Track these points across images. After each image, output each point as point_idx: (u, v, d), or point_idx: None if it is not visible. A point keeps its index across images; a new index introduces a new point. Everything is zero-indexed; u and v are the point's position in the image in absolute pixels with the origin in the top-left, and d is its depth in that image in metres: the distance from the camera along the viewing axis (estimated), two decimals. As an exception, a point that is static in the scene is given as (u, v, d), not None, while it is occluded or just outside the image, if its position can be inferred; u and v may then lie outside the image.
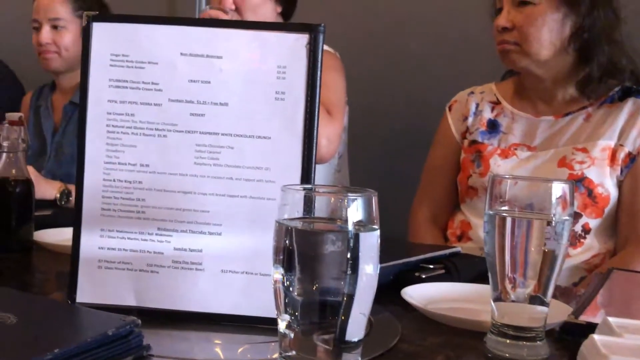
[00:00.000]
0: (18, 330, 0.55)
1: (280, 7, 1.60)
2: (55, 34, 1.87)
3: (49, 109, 1.96)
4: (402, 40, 2.01)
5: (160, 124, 0.74)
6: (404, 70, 2.01)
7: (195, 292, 0.72)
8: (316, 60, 0.72)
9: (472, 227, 1.42)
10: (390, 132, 2.02)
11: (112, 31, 0.75)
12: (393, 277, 0.88)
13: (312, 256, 0.54)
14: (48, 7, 1.87)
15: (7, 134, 1.03)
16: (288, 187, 0.56)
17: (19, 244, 1.03)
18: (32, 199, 1.06)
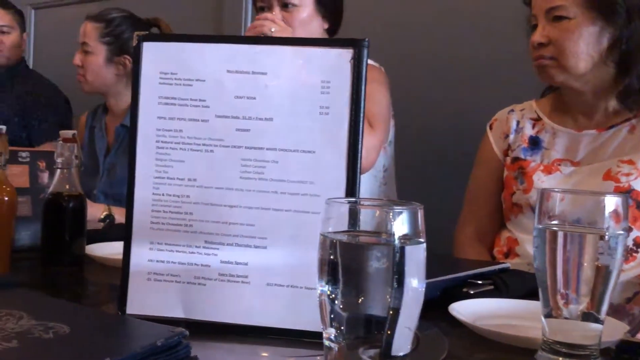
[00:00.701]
0: (71, 340, 0.57)
1: (327, 23, 1.62)
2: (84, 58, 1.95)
3: (102, 130, 2.02)
4: (445, 57, 2.00)
5: (207, 140, 0.75)
6: (447, 86, 2.00)
7: (241, 305, 0.72)
8: (360, 75, 0.73)
9: (519, 243, 1.40)
10: (437, 147, 2.01)
11: (161, 50, 0.77)
12: (440, 293, 0.87)
13: (357, 270, 0.54)
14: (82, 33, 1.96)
15: (61, 151, 1.06)
16: (333, 200, 0.56)
17: (71, 258, 1.06)
18: (85, 213, 1.09)
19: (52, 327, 0.58)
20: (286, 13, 1.55)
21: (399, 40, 2.06)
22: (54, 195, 1.06)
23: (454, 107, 1.98)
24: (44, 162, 1.21)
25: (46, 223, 1.07)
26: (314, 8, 1.58)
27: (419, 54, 2.05)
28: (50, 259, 1.06)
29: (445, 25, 2.00)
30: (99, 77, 1.95)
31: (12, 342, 0.54)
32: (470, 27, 1.96)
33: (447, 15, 2.01)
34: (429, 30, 2.04)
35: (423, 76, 2.04)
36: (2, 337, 0.55)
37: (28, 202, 1.17)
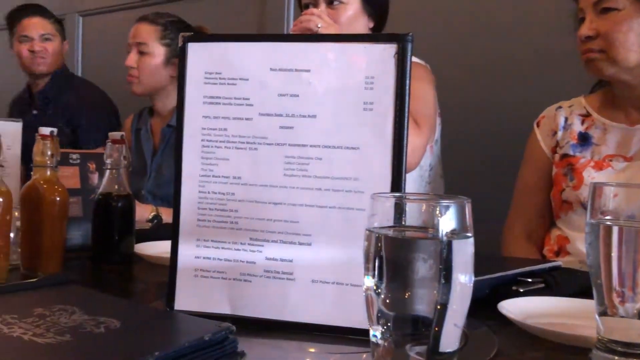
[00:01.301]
0: (121, 334, 0.58)
1: (373, 22, 1.61)
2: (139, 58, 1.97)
3: (148, 132, 2.06)
4: (491, 54, 1.97)
5: (251, 138, 0.76)
6: (493, 84, 1.97)
7: (287, 301, 0.73)
8: (405, 70, 0.72)
9: (570, 241, 1.36)
10: (483, 145, 1.98)
11: (205, 50, 0.78)
12: (489, 291, 0.85)
13: (404, 265, 0.53)
14: (138, 33, 1.98)
15: (110, 152, 1.09)
16: (378, 195, 0.56)
17: (120, 256, 1.08)
18: (133, 213, 1.11)
19: (103, 322, 0.60)
20: (332, 10, 1.54)
21: (444, 37, 2.04)
22: (103, 196, 1.09)
23: (500, 104, 1.95)
24: (94, 164, 1.24)
25: (96, 223, 1.10)
26: (360, 6, 1.56)
27: (464, 51, 2.02)
28: (101, 257, 1.08)
29: (491, 21, 1.97)
30: (154, 78, 1.97)
31: (65, 336, 0.56)
32: (516, 22, 1.93)
33: (492, 11, 1.98)
34: (475, 26, 2.01)
35: (469, 74, 2.01)
36: (55, 331, 0.57)
37: (79, 202, 1.20)
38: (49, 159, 0.98)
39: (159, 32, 1.96)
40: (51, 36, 2.53)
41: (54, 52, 2.53)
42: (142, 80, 1.97)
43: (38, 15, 2.52)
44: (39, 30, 2.50)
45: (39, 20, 2.51)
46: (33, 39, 2.49)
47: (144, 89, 1.99)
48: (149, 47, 1.95)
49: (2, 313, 0.61)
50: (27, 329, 0.57)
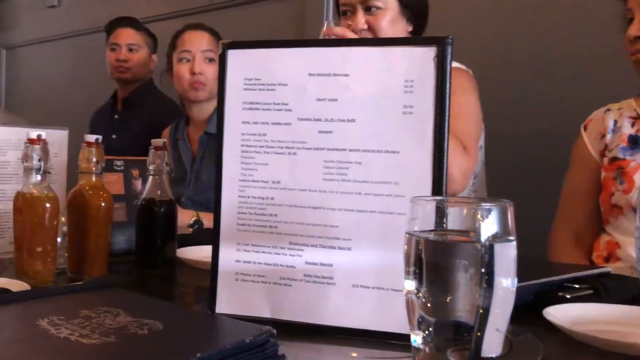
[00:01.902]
0: (164, 336, 0.59)
1: (412, 25, 1.59)
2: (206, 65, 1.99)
3: (185, 141, 2.09)
4: (536, 56, 1.94)
5: (290, 142, 0.76)
6: (538, 86, 1.93)
7: (327, 306, 0.72)
8: (445, 73, 0.71)
9: (620, 246, 1.32)
10: (528, 149, 1.95)
11: (245, 57, 0.79)
12: (534, 297, 0.83)
13: (445, 269, 0.52)
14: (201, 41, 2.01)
15: (152, 159, 1.11)
16: (418, 198, 0.55)
17: (163, 260, 1.10)
18: (175, 218, 1.13)
19: (147, 324, 0.61)
20: (370, 16, 1.53)
21: (487, 39, 2.02)
22: (146, 201, 1.11)
23: (545, 107, 1.92)
24: (137, 170, 1.27)
25: (139, 228, 1.12)
26: (399, 10, 1.55)
27: (507, 51, 1.99)
28: (144, 261, 1.10)
29: (535, 22, 1.94)
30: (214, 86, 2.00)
31: (110, 337, 0.57)
32: (561, 23, 1.89)
33: (537, 11, 1.95)
34: (519, 27, 1.98)
35: (513, 76, 1.98)
36: (101, 332, 0.58)
37: (123, 208, 1.23)
38: (94, 166, 1.01)
39: (216, 42, 2.00)
40: (137, 47, 2.63)
41: (139, 62, 2.62)
42: (208, 87, 1.99)
43: (129, 26, 2.65)
44: (127, 40, 2.61)
45: (129, 30, 2.63)
46: (121, 47, 2.61)
47: (210, 95, 2.01)
48: (214, 54, 1.98)
49: (50, 314, 0.63)
50: (74, 330, 0.58)
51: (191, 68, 2.00)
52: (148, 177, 1.11)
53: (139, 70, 2.64)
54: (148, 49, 2.67)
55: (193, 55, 2.00)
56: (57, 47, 3.74)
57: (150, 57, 2.68)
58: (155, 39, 2.74)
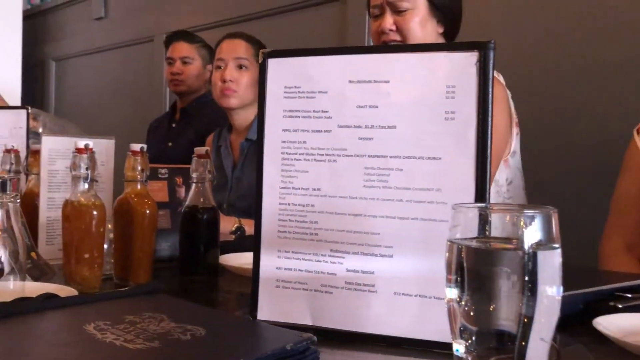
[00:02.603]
0: (206, 341, 0.59)
1: (442, 27, 1.56)
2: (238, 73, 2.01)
3: (227, 148, 2.12)
4: (584, 59, 1.89)
5: (330, 150, 0.76)
6: (586, 90, 1.89)
7: (369, 313, 0.72)
8: (487, 78, 0.70)
9: (677, 253, 1.28)
10: (576, 154, 1.90)
11: (285, 65, 0.80)
12: (583, 306, 0.81)
13: (487, 277, 0.52)
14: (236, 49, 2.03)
15: (195, 167, 1.12)
16: (460, 206, 0.55)
17: (206, 267, 1.11)
18: (218, 225, 1.14)
19: (190, 330, 0.61)
20: (399, 18, 1.52)
21: (532, 39, 1.98)
22: (189, 208, 1.13)
23: (593, 112, 1.87)
24: (181, 178, 1.29)
25: (183, 234, 1.13)
26: (428, 11, 1.53)
27: (553, 53, 1.95)
28: (187, 268, 1.12)
29: (583, 22, 1.89)
30: (248, 93, 2.01)
31: (154, 342, 0.58)
32: (610, 24, 1.84)
33: (585, 11, 1.90)
34: (565, 27, 1.93)
35: (562, 80, 1.93)
36: (145, 338, 0.59)
37: (167, 215, 1.25)
38: (139, 174, 1.03)
39: (254, 50, 2.01)
40: (191, 59, 2.68)
41: (192, 74, 2.68)
42: (240, 94, 2.00)
43: (182, 40, 2.72)
44: (180, 54, 2.68)
45: (182, 44, 2.70)
46: (175, 61, 2.68)
47: (241, 102, 2.02)
48: (248, 61, 2.00)
49: (96, 319, 0.64)
50: (119, 335, 0.59)
51: (222, 75, 2.01)
52: (191, 184, 1.13)
53: (193, 82, 2.69)
54: (202, 61, 2.72)
55: (226, 62, 2.02)
56: (104, 58, 3.85)
57: (205, 69, 2.73)
58: (210, 50, 2.79)
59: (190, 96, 2.72)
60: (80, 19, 4.11)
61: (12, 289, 0.82)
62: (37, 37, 4.40)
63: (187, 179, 1.17)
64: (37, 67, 4.45)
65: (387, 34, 1.51)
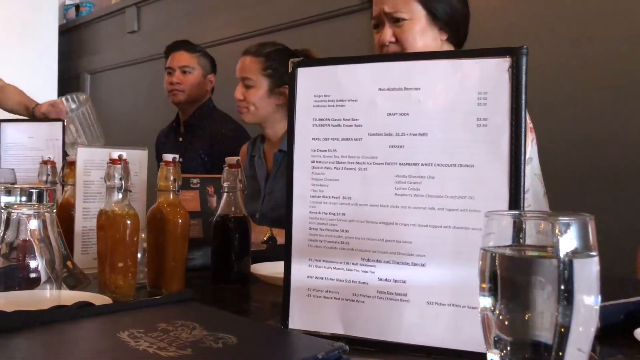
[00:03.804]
0: (238, 350, 0.59)
1: (445, 33, 1.54)
2: (245, 91, 2.05)
3: (261, 158, 2.13)
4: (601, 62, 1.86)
5: (360, 158, 0.76)
6: (614, 90, 1.85)
7: (401, 323, 0.71)
8: (520, 84, 0.69)
9: None
10: (607, 157, 1.86)
11: (314, 74, 0.80)
12: (624, 317, 0.79)
13: (522, 286, 0.51)
14: (242, 67, 2.06)
15: (226, 176, 1.13)
16: (493, 213, 0.54)
17: (238, 276, 1.12)
18: (249, 234, 1.15)
19: (222, 338, 0.62)
20: (397, 28, 1.51)
21: (567, 40, 1.95)
22: (221, 218, 1.13)
23: (627, 114, 1.83)
24: (212, 187, 1.30)
25: (215, 244, 1.14)
26: (427, 20, 1.50)
27: (585, 54, 1.92)
28: (219, 277, 1.13)
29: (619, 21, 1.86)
30: (261, 108, 2.05)
31: (186, 350, 0.58)
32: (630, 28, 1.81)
33: (607, 18, 1.87)
34: (597, 27, 1.90)
35: (594, 80, 1.90)
36: (177, 346, 0.59)
37: (199, 224, 1.26)
38: (172, 184, 1.04)
39: (261, 64, 2.04)
40: (191, 69, 2.68)
41: (192, 84, 2.67)
42: (251, 111, 2.06)
43: (183, 49, 2.71)
44: (180, 63, 2.67)
45: (182, 54, 2.69)
46: (174, 71, 2.67)
47: (254, 118, 2.07)
48: (252, 80, 2.03)
49: (130, 327, 0.65)
50: (152, 343, 0.60)
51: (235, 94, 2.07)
52: (222, 194, 1.14)
53: (193, 92, 2.67)
54: (202, 70, 2.70)
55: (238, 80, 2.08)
56: (137, 70, 3.92)
57: (205, 79, 2.71)
58: (211, 60, 2.78)
59: (192, 107, 2.69)
60: (114, 32, 4.20)
61: (49, 297, 0.83)
62: (72, 51, 4.50)
63: (219, 188, 1.18)
64: (73, 80, 4.55)
65: (388, 46, 1.50)
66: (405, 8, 1.49)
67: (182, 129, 2.76)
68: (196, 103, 2.70)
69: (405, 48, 1.49)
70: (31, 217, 0.84)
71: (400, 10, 1.48)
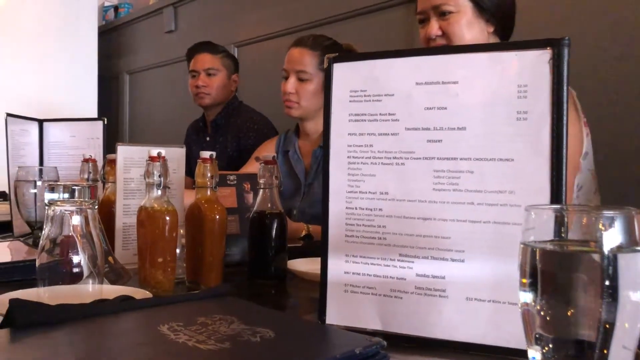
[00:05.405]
0: (275, 344, 0.60)
1: (492, 26, 1.51)
2: (299, 85, 2.00)
3: (298, 153, 2.10)
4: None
5: (397, 153, 0.75)
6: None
7: (440, 319, 0.71)
8: (561, 76, 0.68)
9: None
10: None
11: (350, 70, 0.79)
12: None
13: (563, 282, 0.49)
14: (298, 60, 2.00)
15: (262, 173, 1.14)
16: (533, 207, 0.53)
17: (275, 272, 1.13)
18: (285, 230, 1.15)
19: (259, 332, 0.62)
20: (444, 22, 1.49)
21: (597, 36, 1.91)
22: (257, 214, 1.14)
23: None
24: (249, 184, 1.31)
25: (251, 239, 1.15)
26: (474, 12, 1.48)
27: (621, 49, 1.87)
28: (256, 272, 1.13)
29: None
30: (312, 103, 1.99)
31: (224, 344, 0.59)
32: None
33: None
34: (634, 21, 1.85)
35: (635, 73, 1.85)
36: (216, 339, 0.60)
37: (236, 220, 1.27)
38: (209, 181, 1.05)
39: (318, 58, 1.98)
40: (216, 71, 2.66)
41: (218, 86, 2.66)
42: (302, 105, 2.00)
43: (206, 51, 2.69)
44: (205, 65, 2.66)
45: (206, 55, 2.67)
46: (199, 73, 2.66)
47: (302, 112, 2.02)
48: (308, 74, 1.98)
49: (170, 321, 0.66)
50: (191, 336, 0.61)
51: (284, 87, 2.01)
52: (258, 190, 1.15)
53: (219, 94, 2.66)
54: (227, 71, 2.69)
55: (288, 73, 2.02)
56: (174, 69, 3.97)
57: (229, 79, 2.70)
58: (234, 60, 2.77)
59: (217, 107, 2.69)
60: (152, 32, 4.26)
61: (91, 292, 0.85)
62: (111, 51, 4.59)
63: (255, 185, 1.19)
64: (112, 80, 4.64)
65: (434, 40, 1.49)
66: (452, 1, 1.48)
67: (209, 129, 2.75)
68: (222, 104, 2.70)
69: (453, 41, 1.48)
70: (74, 213, 0.86)
71: (447, 3, 1.47)
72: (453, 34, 1.48)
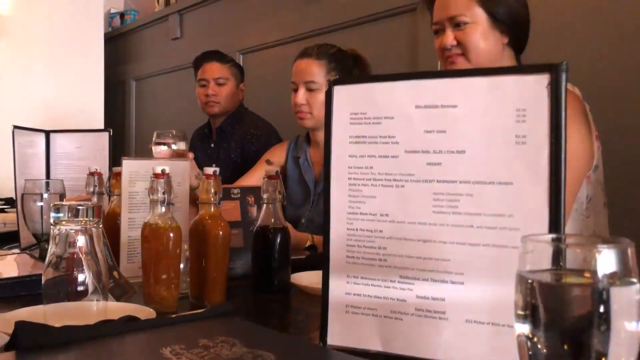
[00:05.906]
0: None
1: (507, 37, 1.52)
2: (309, 95, 1.98)
3: (308, 161, 2.09)
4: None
5: (397, 175, 0.76)
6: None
7: (440, 341, 0.72)
8: (559, 101, 0.68)
9: None
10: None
11: (350, 92, 0.80)
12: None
13: (557, 312, 0.50)
14: (305, 71, 2.00)
15: (266, 187, 1.15)
16: (529, 237, 0.53)
17: (278, 286, 1.14)
18: (289, 244, 1.16)
19: (261, 355, 0.63)
20: (459, 32, 1.50)
21: (608, 48, 1.91)
22: (261, 229, 1.15)
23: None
24: (253, 197, 1.32)
25: (255, 254, 1.16)
26: (489, 23, 1.49)
27: (633, 60, 1.87)
28: (260, 286, 1.14)
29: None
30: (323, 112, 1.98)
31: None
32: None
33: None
34: None
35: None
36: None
37: (240, 234, 1.28)
38: (212, 197, 1.06)
39: (325, 67, 1.98)
40: (225, 80, 2.67)
41: (227, 95, 2.67)
42: (314, 115, 1.98)
43: (215, 60, 2.70)
44: (214, 74, 2.67)
45: (215, 65, 2.68)
46: (209, 82, 2.67)
47: (315, 122, 2.00)
48: (317, 83, 1.96)
49: (172, 343, 0.67)
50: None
51: (295, 99, 2.00)
52: (262, 204, 1.16)
53: (228, 103, 2.67)
54: (235, 80, 2.70)
55: (297, 85, 2.00)
56: (180, 76, 3.99)
57: (237, 88, 2.71)
58: (241, 69, 2.78)
59: (224, 115, 2.70)
60: (158, 39, 4.29)
61: (95, 310, 0.86)
62: (117, 58, 4.61)
63: (259, 198, 1.20)
64: (118, 86, 4.66)
65: (450, 50, 1.50)
66: (468, 12, 1.49)
67: (214, 136, 2.76)
68: (229, 112, 2.72)
69: (469, 50, 1.49)
70: (79, 232, 0.87)
71: (463, 14, 1.49)
72: (469, 44, 1.49)
